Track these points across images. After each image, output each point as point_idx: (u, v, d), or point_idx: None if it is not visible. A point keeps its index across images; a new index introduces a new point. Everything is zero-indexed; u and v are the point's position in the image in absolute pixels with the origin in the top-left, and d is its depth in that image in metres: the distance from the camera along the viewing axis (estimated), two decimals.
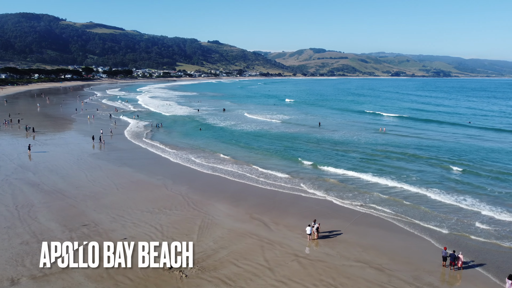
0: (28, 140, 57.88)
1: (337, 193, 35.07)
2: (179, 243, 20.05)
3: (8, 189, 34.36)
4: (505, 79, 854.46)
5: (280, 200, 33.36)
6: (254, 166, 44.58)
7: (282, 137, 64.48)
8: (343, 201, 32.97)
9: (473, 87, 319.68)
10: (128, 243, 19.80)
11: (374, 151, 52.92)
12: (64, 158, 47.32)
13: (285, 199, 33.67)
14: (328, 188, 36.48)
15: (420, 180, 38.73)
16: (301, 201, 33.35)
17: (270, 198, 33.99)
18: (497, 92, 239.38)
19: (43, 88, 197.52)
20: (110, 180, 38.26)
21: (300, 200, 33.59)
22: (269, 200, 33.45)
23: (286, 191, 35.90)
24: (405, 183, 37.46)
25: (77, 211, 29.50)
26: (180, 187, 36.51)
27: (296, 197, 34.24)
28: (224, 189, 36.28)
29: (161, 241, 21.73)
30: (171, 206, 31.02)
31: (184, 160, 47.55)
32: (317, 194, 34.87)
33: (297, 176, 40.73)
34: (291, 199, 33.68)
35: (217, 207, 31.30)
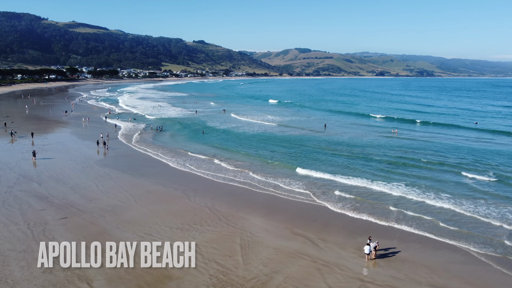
0: (19, 144, 54.03)
1: (371, 207, 32.55)
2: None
3: (14, 203, 30.89)
4: (486, 78, 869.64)
5: (315, 213, 30.71)
6: (273, 174, 41.87)
7: (291, 141, 61.91)
8: (378, 216, 30.47)
9: (459, 87, 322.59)
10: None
11: (397, 158, 49.28)
12: (68, 165, 43.80)
13: (319, 212, 31.04)
14: (359, 201, 33.80)
15: (459, 195, 35.51)
16: (337, 215, 30.73)
17: (303, 210, 31.36)
18: (488, 92, 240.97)
19: (28, 89, 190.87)
20: (124, 190, 35.05)
21: (336, 213, 30.98)
22: (304, 212, 30.83)
23: (318, 202, 33.25)
24: (440, 196, 34.74)
25: (98, 229, 26.33)
26: (203, 198, 33.55)
27: (329, 210, 31.61)
28: (251, 200, 33.47)
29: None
30: (201, 221, 28.07)
31: (198, 168, 44.52)
32: (348, 208, 32.27)
33: (325, 187, 38.06)
34: (325, 213, 31.05)
35: (251, 221, 28.49)
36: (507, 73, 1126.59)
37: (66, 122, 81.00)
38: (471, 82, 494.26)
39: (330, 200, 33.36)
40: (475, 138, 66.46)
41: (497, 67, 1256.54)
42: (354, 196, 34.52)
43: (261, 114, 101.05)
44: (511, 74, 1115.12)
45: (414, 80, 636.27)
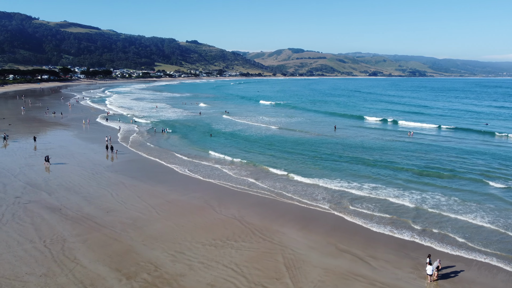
0: (20, 149, 51.15)
1: (413, 218, 30.35)
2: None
3: (25, 216, 28.18)
4: (478, 78, 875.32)
5: (351, 226, 28.45)
6: (295, 184, 39.61)
7: (305, 143, 59.71)
8: (422, 232, 28.22)
9: (455, 88, 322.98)
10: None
11: (423, 165, 46.60)
12: (76, 172, 41.07)
13: (355, 225, 28.76)
14: (396, 214, 31.63)
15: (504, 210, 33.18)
16: (375, 227, 28.47)
17: (337, 222, 29.08)
18: (486, 93, 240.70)
19: (20, 90, 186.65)
20: (142, 200, 32.47)
21: (373, 226, 28.72)
22: (339, 225, 28.54)
23: (349, 215, 30.95)
24: (483, 210, 32.65)
25: (123, 246, 23.76)
26: (228, 208, 31.09)
27: (365, 223, 29.35)
28: (279, 211, 31.06)
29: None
30: (234, 236, 25.62)
31: (213, 174, 42.08)
32: (386, 222, 30.04)
33: (353, 199, 35.78)
34: (361, 226, 28.78)
35: (288, 235, 26.10)
36: (497, 73, 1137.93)
37: (66, 124, 77.94)
38: (466, 82, 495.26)
39: (362, 214, 31.03)
40: (489, 140, 64.55)
41: (488, 67, 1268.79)
42: (387, 208, 32.26)
43: (264, 116, 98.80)
44: (502, 74, 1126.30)
45: (407, 80, 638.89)
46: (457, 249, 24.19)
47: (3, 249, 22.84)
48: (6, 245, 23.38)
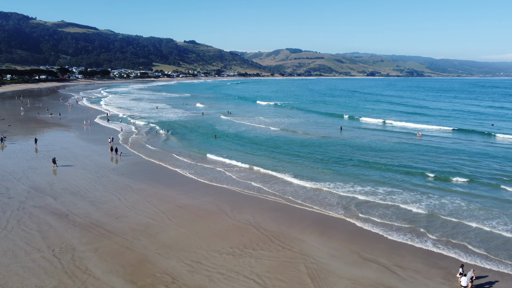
0: (21, 151, 49.85)
1: (426, 223, 29.31)
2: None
3: (31, 223, 26.94)
4: (475, 78, 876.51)
5: (370, 233, 27.32)
6: (305, 185, 38.38)
7: (312, 145, 58.66)
8: (443, 240, 27.18)
9: (454, 88, 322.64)
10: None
11: (439, 169, 44.85)
12: (80, 175, 39.83)
13: (372, 233, 27.67)
14: (413, 219, 30.61)
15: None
16: (394, 235, 27.36)
17: (356, 229, 27.95)
18: (485, 93, 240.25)
19: (18, 90, 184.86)
20: (152, 205, 31.28)
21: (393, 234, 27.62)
22: (358, 232, 27.40)
23: (364, 219, 29.86)
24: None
25: (136, 255, 22.57)
26: (242, 214, 29.95)
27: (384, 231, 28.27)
28: (295, 217, 29.94)
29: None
30: (252, 244, 24.47)
31: (221, 177, 40.96)
32: (405, 227, 28.99)
33: (370, 202, 34.71)
34: (379, 234, 27.69)
35: (308, 242, 24.98)
36: (494, 73, 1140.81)
37: (66, 125, 76.60)
38: (464, 82, 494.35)
39: (380, 221, 29.96)
40: (497, 142, 63.58)
41: (485, 67, 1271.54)
42: (405, 215, 31.19)
43: (266, 117, 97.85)
44: (499, 74, 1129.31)
45: (405, 80, 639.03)
46: (485, 260, 23.02)
47: (10, 260, 21.62)
48: (13, 255, 22.15)
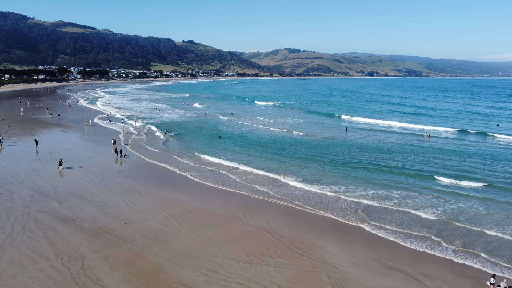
0: (23, 153, 48.73)
1: (439, 231, 28.28)
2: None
3: (36, 229, 25.87)
4: (474, 78, 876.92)
5: (387, 240, 26.36)
6: (315, 189, 37.39)
7: (318, 147, 57.70)
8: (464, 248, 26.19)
9: (453, 88, 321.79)
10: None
11: (452, 172, 43.15)
12: (85, 177, 38.78)
13: (390, 240, 26.73)
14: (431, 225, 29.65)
15: None
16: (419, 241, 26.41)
17: (373, 236, 26.92)
18: (484, 94, 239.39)
19: (17, 90, 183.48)
20: (161, 210, 30.25)
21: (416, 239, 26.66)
22: (376, 238, 26.44)
23: (387, 225, 28.86)
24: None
25: (149, 264, 21.55)
26: (254, 218, 28.95)
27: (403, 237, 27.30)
28: (310, 222, 28.94)
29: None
30: (268, 251, 23.47)
31: (229, 180, 39.94)
32: (424, 235, 27.97)
33: (385, 208, 33.76)
34: (397, 240, 26.71)
35: (326, 249, 24.00)
36: (493, 73, 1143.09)
37: (67, 125, 75.49)
38: (463, 82, 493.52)
39: (397, 227, 29.02)
40: (508, 144, 62.68)
41: (483, 67, 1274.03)
42: (423, 222, 30.22)
43: (269, 117, 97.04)
44: (497, 74, 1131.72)
45: (404, 80, 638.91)
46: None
47: (17, 269, 20.57)
48: (20, 264, 21.10)
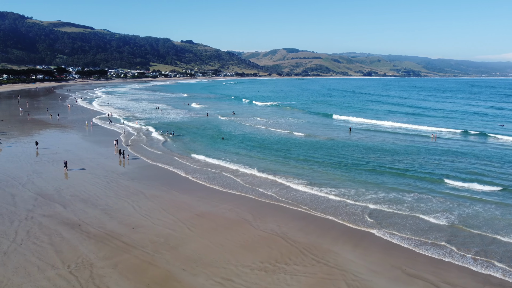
0: (24, 154, 47.79)
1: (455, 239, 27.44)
2: None
3: (41, 234, 24.99)
4: (472, 78, 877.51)
5: (401, 246, 25.54)
6: (324, 192, 36.57)
7: (324, 148, 56.89)
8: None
9: (453, 88, 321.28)
10: None
11: (464, 176, 42.19)
12: (88, 180, 37.88)
13: (404, 246, 25.90)
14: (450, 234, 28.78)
15: None
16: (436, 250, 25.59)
17: (388, 241, 26.09)
18: (484, 94, 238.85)
19: (16, 90, 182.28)
20: (168, 214, 29.38)
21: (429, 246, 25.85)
22: (392, 244, 25.58)
23: (401, 231, 28.05)
24: None
25: (161, 272, 20.69)
26: (265, 222, 28.11)
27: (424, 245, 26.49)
28: (322, 227, 28.06)
29: None
30: (283, 257, 22.64)
31: (234, 183, 39.00)
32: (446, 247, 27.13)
33: (398, 213, 32.94)
34: (413, 247, 25.91)
35: (343, 255, 23.17)
36: (491, 73, 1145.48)
37: (68, 126, 74.54)
38: (462, 82, 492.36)
39: (412, 233, 28.20)
40: None
41: (481, 67, 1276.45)
42: (439, 228, 29.43)
43: (271, 118, 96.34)
44: (495, 74, 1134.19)
45: (402, 80, 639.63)
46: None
47: (23, 278, 19.69)
48: (26, 273, 20.21)
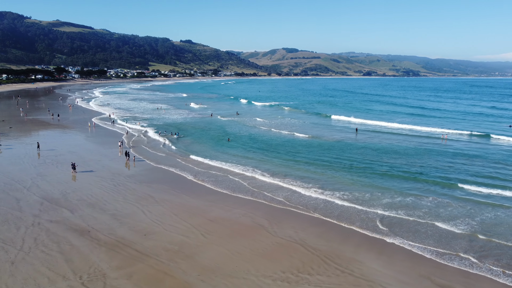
0: (26, 156, 46.62)
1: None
2: None
3: (50, 242, 23.84)
4: (472, 78, 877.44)
5: (422, 257, 24.45)
6: (337, 198, 35.45)
7: (332, 149, 55.81)
8: None
9: (454, 88, 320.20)
10: None
11: (482, 181, 40.41)
12: (95, 183, 36.73)
13: (429, 259, 24.79)
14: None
15: None
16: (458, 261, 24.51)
17: (407, 250, 25.01)
18: (484, 94, 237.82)
19: (15, 90, 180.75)
20: (180, 219, 28.25)
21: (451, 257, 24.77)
22: (413, 251, 24.49)
23: (423, 240, 26.97)
24: None
25: (178, 284, 19.59)
26: (282, 228, 27.00)
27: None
28: (341, 233, 26.97)
29: None
30: (305, 267, 21.53)
31: (243, 187, 37.87)
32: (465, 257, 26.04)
33: (416, 221, 31.82)
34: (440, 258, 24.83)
35: (367, 264, 22.07)
36: (489, 73, 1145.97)
37: (70, 126, 73.33)
38: (462, 82, 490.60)
39: (435, 243, 27.09)
40: None
41: (480, 67, 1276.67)
42: (461, 238, 28.35)
43: (275, 118, 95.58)
44: (494, 74, 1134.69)
45: (402, 80, 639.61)
46: None
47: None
48: (36, 284, 19.08)
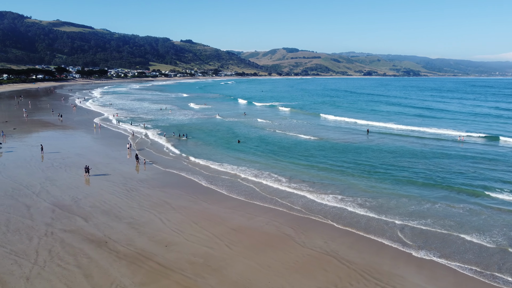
0: (33, 159, 45.02)
1: None
2: None
3: (65, 254, 22.24)
4: (473, 78, 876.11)
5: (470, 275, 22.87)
6: (358, 206, 33.90)
7: (346, 151, 54.22)
8: None
9: (455, 89, 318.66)
10: None
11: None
12: (107, 188, 35.15)
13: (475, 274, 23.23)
14: None
15: None
16: None
17: (439, 264, 23.47)
18: (486, 94, 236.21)
19: (16, 90, 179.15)
20: (201, 228, 26.68)
21: None
22: (451, 268, 22.94)
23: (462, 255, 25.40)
24: None
25: None
26: (311, 239, 25.40)
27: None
28: (372, 245, 25.34)
29: None
30: (343, 283, 19.96)
31: (256, 193, 36.30)
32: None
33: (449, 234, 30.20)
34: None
35: (410, 279, 20.54)
36: (490, 73, 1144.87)
37: (75, 128, 71.79)
38: (463, 82, 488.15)
39: (479, 267, 25.53)
40: None
41: (480, 67, 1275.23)
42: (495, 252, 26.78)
43: (281, 119, 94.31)
44: (494, 74, 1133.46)
45: (403, 79, 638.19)
46: None
47: None
48: None
